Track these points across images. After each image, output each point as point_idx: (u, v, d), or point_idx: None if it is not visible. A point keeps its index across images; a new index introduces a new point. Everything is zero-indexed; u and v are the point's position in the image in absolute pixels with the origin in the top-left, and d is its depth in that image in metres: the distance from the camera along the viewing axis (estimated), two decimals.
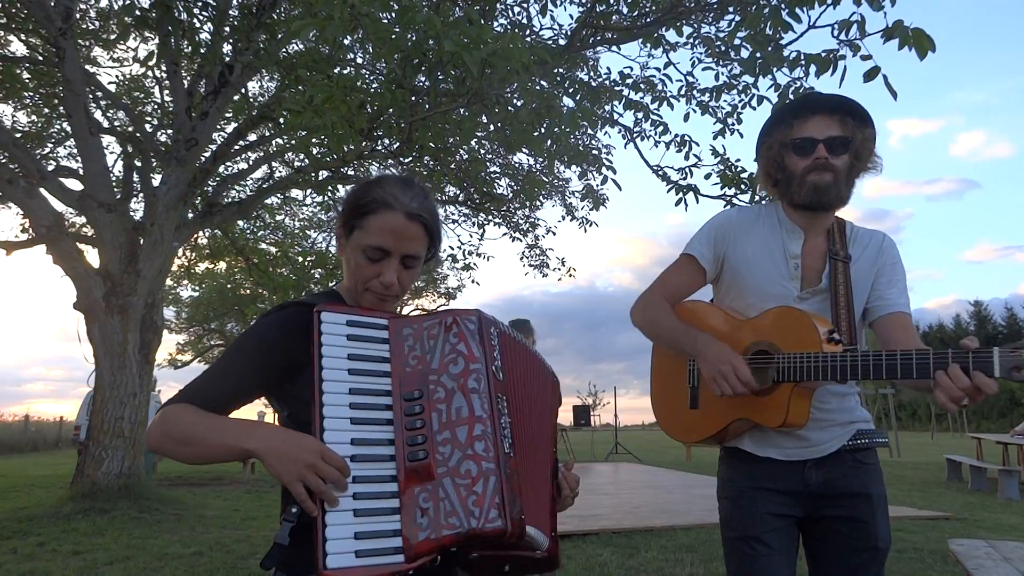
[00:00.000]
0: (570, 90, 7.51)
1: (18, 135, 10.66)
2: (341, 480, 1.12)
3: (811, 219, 1.87)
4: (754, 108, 6.62)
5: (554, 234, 13.69)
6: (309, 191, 13.84)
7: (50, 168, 10.31)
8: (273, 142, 11.35)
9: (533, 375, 1.44)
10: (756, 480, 1.85)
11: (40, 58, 9.70)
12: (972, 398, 1.48)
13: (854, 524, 1.79)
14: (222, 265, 19.63)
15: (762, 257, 1.89)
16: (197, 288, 23.56)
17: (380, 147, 8.24)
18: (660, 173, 7.36)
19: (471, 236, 14.00)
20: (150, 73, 10.88)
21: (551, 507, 1.39)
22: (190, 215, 9.51)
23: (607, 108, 7.60)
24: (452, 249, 13.83)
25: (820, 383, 1.73)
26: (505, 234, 13.51)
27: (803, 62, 5.17)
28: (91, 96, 9.49)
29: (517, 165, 12.18)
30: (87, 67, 10.09)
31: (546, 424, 1.46)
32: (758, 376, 1.74)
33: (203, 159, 9.06)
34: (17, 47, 10.20)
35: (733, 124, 7.06)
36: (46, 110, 11.52)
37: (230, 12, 7.64)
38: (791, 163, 1.85)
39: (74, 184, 9.34)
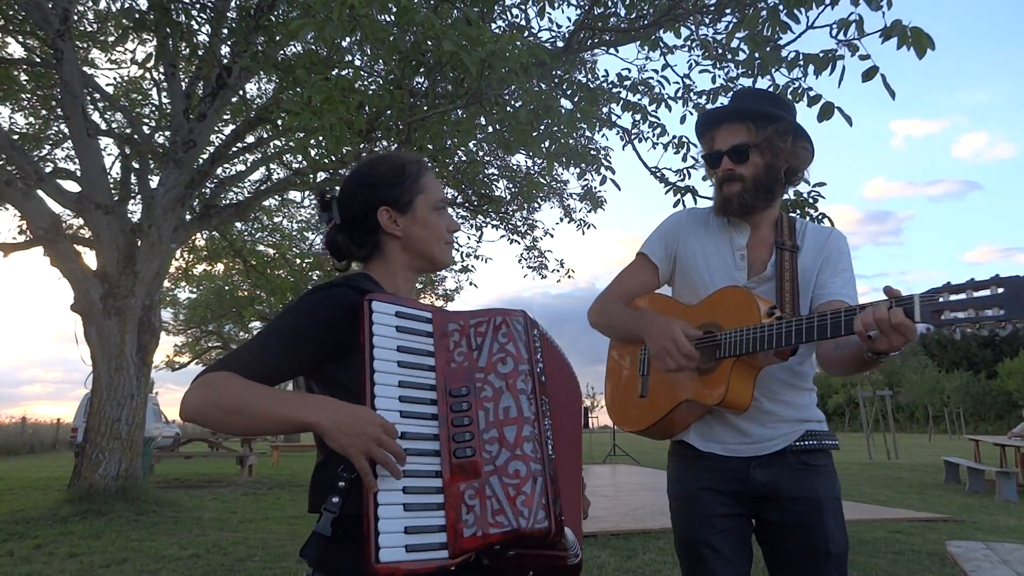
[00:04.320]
0: (568, 92, 7.51)
1: (16, 137, 10.65)
2: (401, 454, 1.12)
3: (749, 216, 1.92)
4: None
5: (552, 236, 13.72)
6: (307, 193, 13.83)
7: (48, 170, 10.30)
8: (271, 144, 11.35)
9: (567, 379, 1.46)
10: (702, 480, 1.85)
11: (38, 60, 9.70)
12: (885, 333, 1.43)
13: (802, 529, 1.75)
14: (220, 267, 19.63)
15: (710, 251, 1.94)
16: (195, 290, 23.57)
17: (378, 148, 8.24)
18: (658, 175, 7.36)
19: (469, 238, 14.01)
20: (148, 75, 10.88)
21: (579, 506, 1.39)
22: (188, 217, 9.49)
23: (605, 110, 7.61)
24: None
25: (761, 356, 1.72)
26: (503, 236, 13.52)
27: (801, 62, 5.17)
28: (89, 98, 9.48)
29: (515, 167, 12.19)
30: (85, 69, 10.08)
31: (577, 430, 1.47)
32: (705, 355, 1.76)
33: (201, 161, 9.05)
34: (15, 49, 10.21)
35: None
36: (44, 112, 11.52)
37: (228, 14, 7.64)
38: (711, 174, 1.97)
39: (72, 186, 9.33)
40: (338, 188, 1.51)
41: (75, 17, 8.97)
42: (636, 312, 1.93)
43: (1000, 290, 1.37)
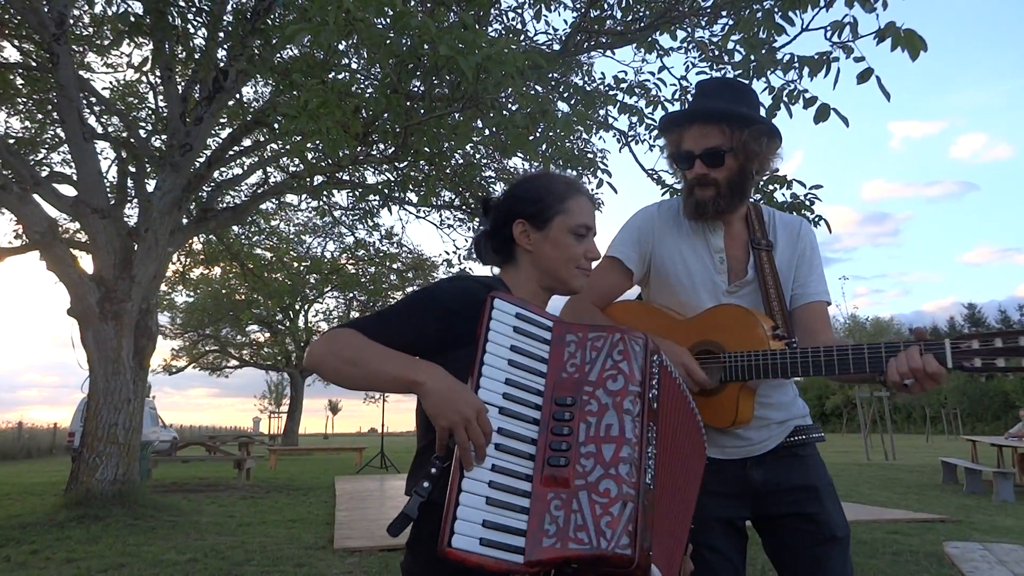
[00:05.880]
0: (565, 94, 7.52)
1: (12, 141, 10.64)
2: (483, 448, 1.13)
3: (721, 215, 1.86)
4: None
5: None
6: (304, 196, 13.83)
7: (44, 174, 10.29)
8: (268, 147, 11.34)
9: (686, 417, 1.41)
10: (704, 484, 1.85)
11: (34, 64, 9.68)
12: (920, 381, 1.47)
13: (806, 518, 1.77)
14: (217, 270, 19.63)
15: (688, 254, 1.87)
16: (192, 294, 23.54)
17: (375, 152, 8.25)
18: (655, 177, 7.38)
19: (467, 241, 14.02)
20: (144, 79, 10.88)
21: (679, 560, 1.33)
22: (185, 220, 9.49)
23: (602, 112, 7.62)
24: (448, 254, 13.85)
25: (767, 381, 1.72)
26: None
27: (796, 64, 5.19)
28: (85, 102, 9.47)
29: (512, 170, 12.20)
30: (81, 73, 10.08)
31: (690, 475, 1.43)
32: (707, 376, 1.73)
33: (198, 164, 9.05)
34: (11, 53, 10.19)
35: None
36: (40, 116, 11.50)
37: (224, 17, 7.64)
38: (680, 174, 1.89)
39: (68, 190, 9.32)
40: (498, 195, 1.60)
41: (71, 21, 8.96)
42: None
43: None
